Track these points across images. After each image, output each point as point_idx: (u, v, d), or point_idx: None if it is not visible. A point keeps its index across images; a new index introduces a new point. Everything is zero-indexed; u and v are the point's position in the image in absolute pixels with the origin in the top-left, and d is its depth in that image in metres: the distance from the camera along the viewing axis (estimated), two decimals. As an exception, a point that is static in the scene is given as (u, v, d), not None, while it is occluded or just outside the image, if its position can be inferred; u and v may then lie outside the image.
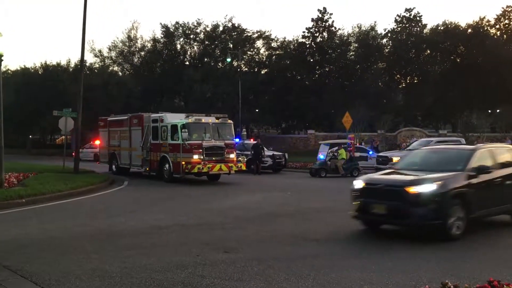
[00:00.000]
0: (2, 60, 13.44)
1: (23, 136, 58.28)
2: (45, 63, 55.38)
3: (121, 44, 53.55)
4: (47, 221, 10.25)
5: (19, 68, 58.45)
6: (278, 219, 10.88)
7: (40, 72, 54.76)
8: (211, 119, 19.14)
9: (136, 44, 53.84)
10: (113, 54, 54.29)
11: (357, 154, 26.04)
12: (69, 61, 56.21)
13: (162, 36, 53.20)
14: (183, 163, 18.07)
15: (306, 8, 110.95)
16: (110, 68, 56.02)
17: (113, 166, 23.93)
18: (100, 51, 53.73)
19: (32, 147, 55.93)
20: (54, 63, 55.73)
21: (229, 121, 19.96)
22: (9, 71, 57.64)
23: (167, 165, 19.27)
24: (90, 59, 60.03)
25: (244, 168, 19.83)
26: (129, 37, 53.25)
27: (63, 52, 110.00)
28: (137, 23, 62.34)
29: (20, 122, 50.48)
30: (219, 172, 18.79)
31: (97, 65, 55.27)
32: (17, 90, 47.96)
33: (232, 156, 19.17)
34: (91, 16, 51.34)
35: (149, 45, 53.90)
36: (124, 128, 22.92)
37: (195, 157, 18.04)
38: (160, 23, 56.13)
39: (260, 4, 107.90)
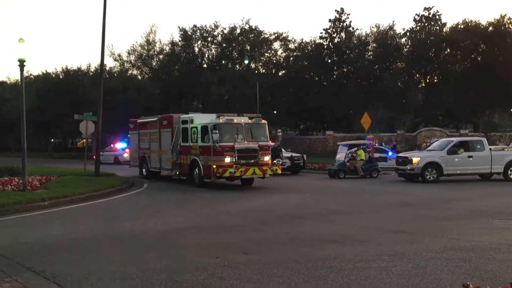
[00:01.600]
0: (25, 65, 13.72)
1: (45, 140, 59.37)
2: (66, 68, 56.33)
3: (139, 48, 54.16)
4: (69, 224, 10.43)
5: (41, 73, 59.59)
6: (296, 221, 10.87)
7: (61, 77, 55.70)
8: (243, 120, 17.86)
9: (155, 48, 54.38)
10: (132, 58, 54.94)
11: (376, 155, 25.82)
12: (89, 66, 57.17)
13: (180, 39, 53.62)
14: (214, 166, 16.86)
15: (323, 9, 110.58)
16: (129, 72, 56.67)
17: (144, 170, 23.32)
18: (119, 55, 54.45)
19: (53, 151, 56.93)
20: (75, 67, 56.62)
21: (263, 121, 18.40)
22: (32, 76, 58.85)
23: (197, 169, 18.24)
24: (109, 63, 60.95)
25: (279, 171, 18.33)
26: (147, 41, 53.81)
27: (84, 57, 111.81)
28: (155, 27, 63.04)
29: (42, 126, 51.44)
30: (252, 176, 17.56)
31: (117, 69, 55.98)
32: (39, 94, 48.90)
33: (267, 158, 17.70)
34: (111, 21, 52.28)
35: (167, 48, 54.40)
36: (154, 130, 22.30)
37: (227, 160, 16.78)
38: (178, 27, 56.52)
39: (277, 6, 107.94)
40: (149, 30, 55.29)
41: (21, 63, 13.53)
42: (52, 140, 60.46)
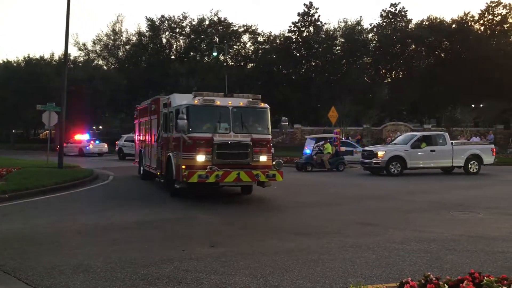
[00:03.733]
0: (-16, 53, 13.21)
1: (6, 131, 57.52)
2: (28, 57, 54.65)
3: (105, 37, 53.11)
4: (31, 216, 10.14)
5: (1, 62, 57.57)
6: (263, 213, 10.93)
7: (23, 66, 53.99)
8: (231, 101, 12.48)
9: (121, 38, 53.44)
10: (97, 47, 53.84)
11: (343, 149, 26.19)
12: (53, 55, 55.65)
13: (148, 29, 52.89)
14: (183, 167, 11.90)
15: (292, 3, 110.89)
16: (95, 62, 55.49)
17: (141, 169, 18.98)
18: (84, 45, 53.26)
19: (15, 142, 55.21)
20: (38, 56, 55.00)
21: (263, 104, 12.81)
22: (-9, 65, 56.73)
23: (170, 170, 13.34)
24: (74, 52, 59.44)
25: (280, 179, 12.41)
26: (113, 30, 52.79)
27: (47, 45, 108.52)
28: (122, 17, 62.16)
29: (3, 117, 49.79)
30: (236, 182, 12.01)
31: (82, 59, 54.72)
32: (-1, 84, 47.28)
33: (264, 159, 12.38)
34: (75, 9, 51.03)
35: (134, 38, 53.53)
36: (146, 118, 18.19)
37: (200, 158, 11.80)
38: (145, 17, 55.85)
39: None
40: (116, 19, 54.25)
41: (-20, 51, 13.02)
42: (13, 131, 58.58)
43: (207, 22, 52.35)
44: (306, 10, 51.88)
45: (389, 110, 51.31)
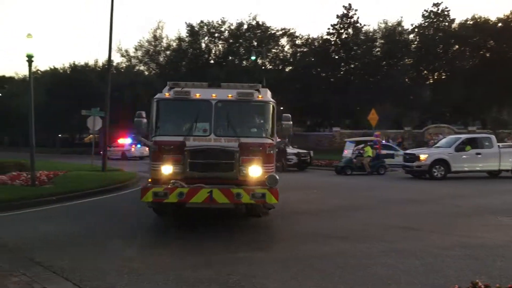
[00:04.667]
0: (33, 61, 13.76)
1: (53, 135, 59.67)
2: (74, 64, 56.54)
3: (147, 43, 54.27)
4: (77, 218, 10.47)
5: (48, 69, 59.86)
6: (302, 217, 10.85)
7: (68, 72, 55.93)
8: (216, 94, 9.40)
9: (162, 44, 54.46)
10: (139, 53, 55.07)
11: (384, 152, 25.73)
12: (97, 61, 57.40)
13: (187, 35, 53.66)
14: (149, 180, 9.26)
15: (330, 5, 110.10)
16: (137, 68, 56.81)
17: None
18: (126, 51, 54.58)
19: (61, 146, 57.21)
20: (82, 63, 56.86)
21: (260, 96, 9.47)
22: (39, 72, 59.13)
23: None
24: (117, 59, 61.00)
25: (273, 200, 8.60)
26: (154, 36, 53.89)
27: (91, 52, 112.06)
28: (163, 23, 63.04)
29: (49, 122, 51.70)
30: (207, 203, 8.52)
31: (124, 65, 56.15)
32: (47, 90, 49.14)
33: (257, 171, 8.91)
34: (118, 17, 52.50)
35: (174, 44, 54.45)
36: None
37: (165, 170, 8.85)
38: (185, 22, 56.68)
39: (284, 1, 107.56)
40: (156, 26, 55.32)
41: (29, 59, 13.58)
42: (59, 135, 60.78)
43: (245, 26, 52.70)
44: (345, 12, 51.41)
45: (431, 112, 50.02)
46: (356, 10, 51.60)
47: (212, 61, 54.44)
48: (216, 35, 53.57)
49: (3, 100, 58.69)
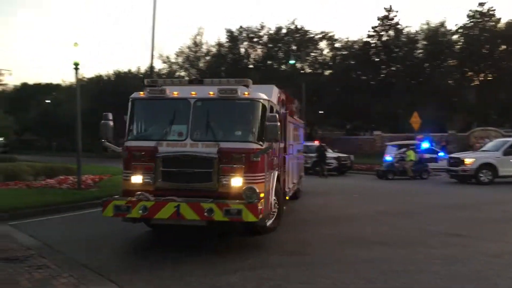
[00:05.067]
0: (79, 68, 14.26)
1: (98, 140, 61.52)
2: (118, 71, 58.21)
3: (187, 50, 55.21)
4: (122, 222, 10.72)
5: (94, 76, 61.88)
6: (343, 222, 10.70)
7: (112, 79, 57.63)
8: (196, 92, 8.14)
9: (202, 49, 55.27)
10: (180, 59, 56.08)
11: (427, 156, 25.08)
12: (139, 68, 58.81)
13: (227, 40, 54.24)
14: (123, 190, 8.16)
15: (370, 7, 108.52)
16: (177, 73, 57.85)
17: None
18: (167, 57, 55.69)
19: (105, 151, 58.83)
20: (125, 70, 58.45)
21: (246, 93, 7.97)
22: (85, 79, 61.24)
23: None
24: (158, 65, 62.26)
25: (251, 218, 7.03)
26: (195, 42, 54.75)
27: (135, 59, 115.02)
28: (202, 29, 63.99)
29: (95, 127, 53.36)
30: (173, 219, 7.28)
31: (165, 71, 57.30)
32: (92, 96, 50.76)
33: (236, 182, 7.59)
34: (159, 24, 53.73)
35: (214, 49, 55.14)
36: None
37: (135, 179, 7.90)
38: (225, 28, 57.23)
39: (323, 5, 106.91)
40: (196, 32, 56.24)
41: (76, 66, 14.11)
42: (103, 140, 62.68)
43: (284, 31, 52.75)
44: (386, 13, 50.59)
45: (477, 115, 48.36)
46: (397, 11, 50.70)
47: (251, 66, 54.76)
48: (255, 40, 53.86)
49: (51, 107, 61.12)
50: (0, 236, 7.62)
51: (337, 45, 53.37)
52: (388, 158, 24.39)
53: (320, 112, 51.38)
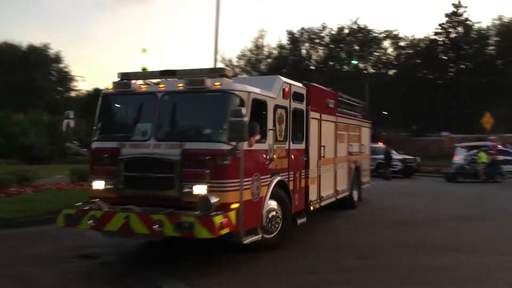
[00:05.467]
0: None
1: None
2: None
3: (249, 52, 55.85)
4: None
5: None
6: (411, 226, 10.31)
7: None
8: (164, 86, 7.32)
9: (263, 52, 55.69)
10: (242, 63, 56.82)
11: (500, 158, 23.71)
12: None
13: (288, 42, 54.31)
14: (89, 197, 7.53)
15: (436, 4, 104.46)
16: (239, 77, 58.69)
17: None
18: (230, 61, 56.59)
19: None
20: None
21: (217, 84, 6.76)
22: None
23: None
24: (221, 69, 63.50)
25: (204, 234, 5.92)
26: (256, 45, 55.29)
27: (197, 63, 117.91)
28: (264, 31, 64.39)
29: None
30: (126, 233, 6.40)
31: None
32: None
33: (199, 190, 6.38)
34: (222, 28, 54.77)
35: (275, 52, 55.39)
36: None
37: (96, 185, 7.10)
38: (286, 30, 57.35)
39: (386, 3, 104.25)
40: (258, 35, 56.72)
41: (144, 71, 14.68)
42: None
43: (346, 31, 52.01)
44: (454, 10, 48.46)
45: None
46: (466, 7, 48.41)
47: (312, 67, 54.48)
48: (316, 40, 53.53)
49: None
50: (74, 234, 8.01)
51: (401, 43, 51.88)
52: (457, 160, 23.32)
53: (384, 113, 50.13)
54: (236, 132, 6.09)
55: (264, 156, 7.25)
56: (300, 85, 8.87)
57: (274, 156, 7.48)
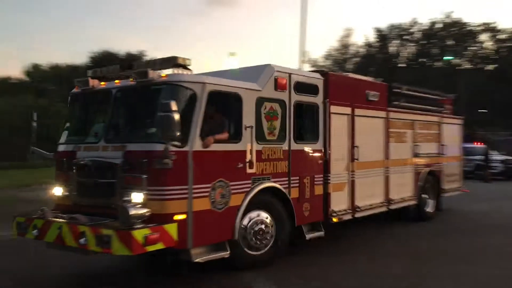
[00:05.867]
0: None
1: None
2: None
3: (335, 52, 55.26)
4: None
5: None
6: (510, 232, 9.61)
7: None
8: (119, 81, 6.46)
9: (349, 51, 54.82)
10: (328, 63, 56.32)
11: None
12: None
13: (377, 40, 52.98)
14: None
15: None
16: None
17: None
18: (315, 61, 56.38)
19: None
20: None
21: (164, 75, 5.93)
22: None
23: None
24: (306, 69, 63.48)
25: (122, 251, 5.10)
26: (343, 44, 54.56)
27: (281, 63, 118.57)
28: (351, 30, 63.41)
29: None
30: (61, 244, 5.72)
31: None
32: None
33: (137, 198, 5.53)
34: (307, 27, 54.51)
35: (362, 50, 54.27)
36: None
37: (56, 191, 6.59)
38: (374, 28, 55.91)
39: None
40: (344, 34, 55.97)
41: (232, 75, 15.05)
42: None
43: (438, 25, 49.60)
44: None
45: None
46: None
47: (402, 64, 52.65)
48: (406, 37, 51.66)
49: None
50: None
51: (501, 36, 48.40)
52: None
53: (480, 111, 47.08)
54: (164, 130, 5.30)
55: (237, 158, 6.19)
56: (311, 74, 7.67)
57: (253, 159, 6.29)
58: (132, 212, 5.17)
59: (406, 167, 9.92)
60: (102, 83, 6.55)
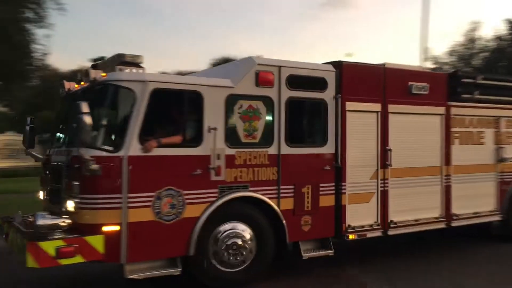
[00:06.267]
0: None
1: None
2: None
3: (460, 47, 52.18)
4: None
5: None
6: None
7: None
8: (84, 82, 6.03)
9: (476, 46, 51.39)
10: (452, 59, 53.40)
11: None
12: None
13: (509, 32, 49.02)
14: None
15: None
16: (445, 73, 55.30)
17: None
18: (435, 57, 53.83)
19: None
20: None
21: (104, 75, 5.58)
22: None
23: None
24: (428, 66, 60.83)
25: (33, 264, 4.83)
26: (469, 39, 51.34)
27: (398, 61, 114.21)
28: (478, 23, 59.35)
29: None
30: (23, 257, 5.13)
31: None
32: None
33: (70, 206, 5.38)
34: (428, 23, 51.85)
35: (491, 44, 50.55)
36: None
37: (41, 196, 6.73)
38: (505, 19, 51.63)
39: None
40: (471, 27, 52.56)
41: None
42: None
43: None
44: None
45: None
46: None
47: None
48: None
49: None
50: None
51: None
52: None
53: None
54: (76, 134, 4.99)
55: (195, 164, 5.52)
56: (316, 66, 6.58)
57: (221, 165, 5.63)
58: (40, 222, 5.00)
59: (484, 174, 8.29)
60: (76, 86, 6.20)
